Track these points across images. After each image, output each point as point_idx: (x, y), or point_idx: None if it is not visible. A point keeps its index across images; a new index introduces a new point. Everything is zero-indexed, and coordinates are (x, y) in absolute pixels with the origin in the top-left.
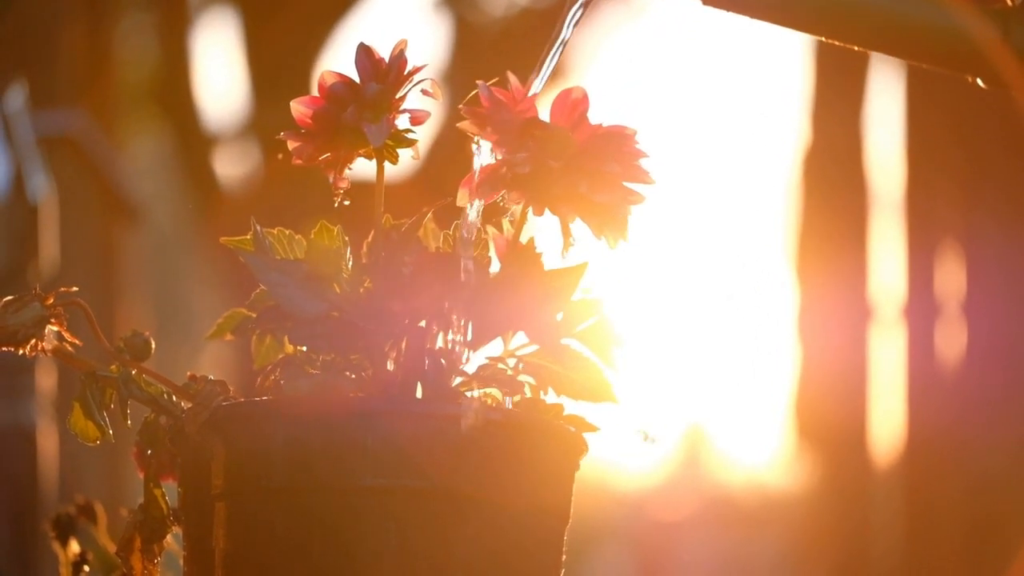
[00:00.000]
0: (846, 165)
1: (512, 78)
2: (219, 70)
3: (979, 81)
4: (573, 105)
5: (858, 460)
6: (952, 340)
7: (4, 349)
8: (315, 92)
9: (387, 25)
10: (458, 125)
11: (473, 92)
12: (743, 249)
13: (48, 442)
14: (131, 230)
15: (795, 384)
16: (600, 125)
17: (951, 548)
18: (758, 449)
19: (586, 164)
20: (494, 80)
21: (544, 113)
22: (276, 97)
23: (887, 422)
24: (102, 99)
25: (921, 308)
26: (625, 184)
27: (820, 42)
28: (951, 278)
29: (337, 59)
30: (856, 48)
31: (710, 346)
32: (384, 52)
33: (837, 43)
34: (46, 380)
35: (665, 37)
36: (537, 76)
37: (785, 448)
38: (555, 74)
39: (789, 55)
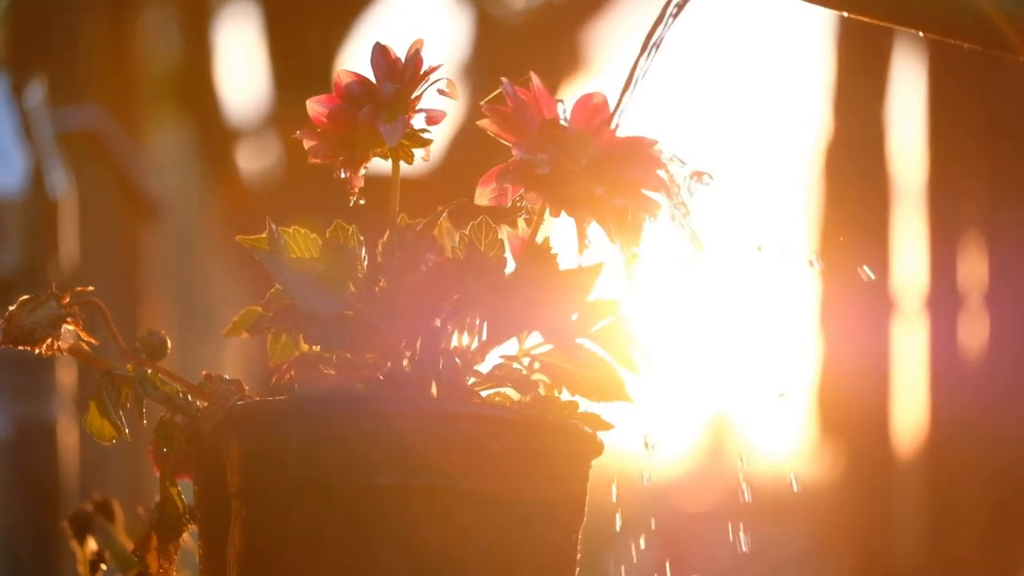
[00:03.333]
0: (869, 156)
1: (535, 78)
2: (240, 64)
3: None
4: (594, 110)
5: (881, 451)
6: (975, 331)
7: (21, 348)
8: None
9: (409, 18)
10: (479, 123)
11: (496, 92)
12: (765, 241)
13: (68, 438)
14: (151, 226)
15: (818, 376)
16: (622, 138)
17: (974, 539)
18: (782, 440)
19: (605, 168)
20: (522, 78)
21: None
22: (297, 91)
23: (910, 413)
24: (122, 94)
25: (944, 299)
26: (643, 191)
27: (843, 32)
28: (974, 269)
29: (359, 53)
30: (882, 23)
31: (733, 337)
32: (401, 51)
33: (861, 18)
34: (66, 376)
35: (686, 28)
36: (627, 88)
37: (808, 439)
38: (576, 71)
39: (811, 45)
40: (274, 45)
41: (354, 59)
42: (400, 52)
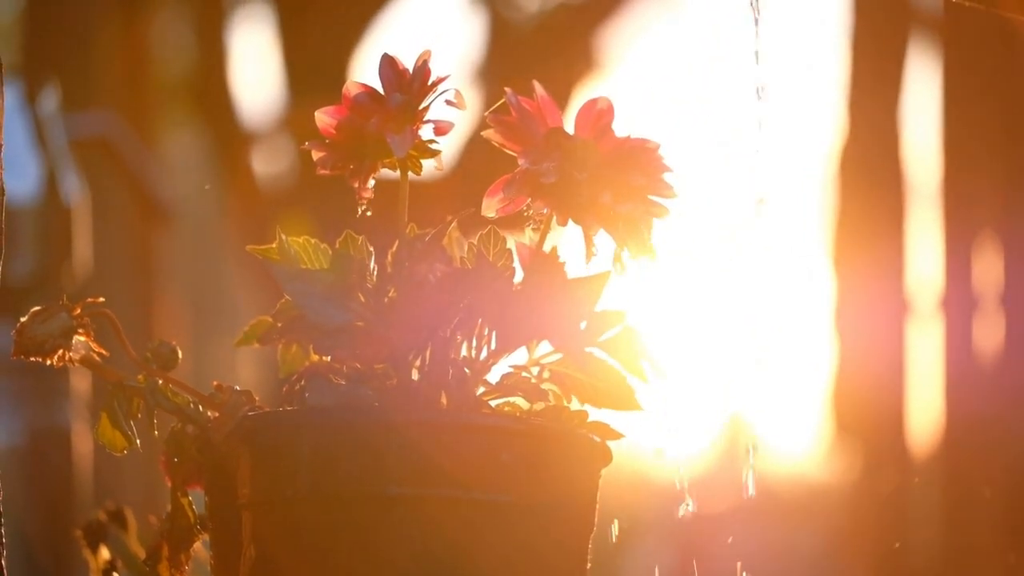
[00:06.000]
0: (883, 156)
1: (538, 87)
2: (254, 69)
3: None
4: (598, 115)
5: (897, 452)
6: (990, 332)
7: (32, 359)
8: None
9: (423, 22)
10: (483, 134)
11: (499, 102)
12: (780, 242)
13: (83, 446)
14: (165, 231)
15: (834, 376)
16: (626, 139)
17: (989, 539)
18: (797, 441)
19: (610, 175)
20: (543, 87)
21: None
22: (312, 95)
23: (925, 414)
24: (135, 101)
25: (959, 300)
26: (649, 197)
27: (858, 33)
28: (989, 269)
29: (373, 56)
30: None
31: (749, 338)
32: (410, 61)
33: None
34: (81, 384)
35: (700, 28)
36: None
37: (824, 440)
38: (591, 74)
39: (826, 45)
40: (287, 50)
41: (368, 64)
42: (408, 63)
